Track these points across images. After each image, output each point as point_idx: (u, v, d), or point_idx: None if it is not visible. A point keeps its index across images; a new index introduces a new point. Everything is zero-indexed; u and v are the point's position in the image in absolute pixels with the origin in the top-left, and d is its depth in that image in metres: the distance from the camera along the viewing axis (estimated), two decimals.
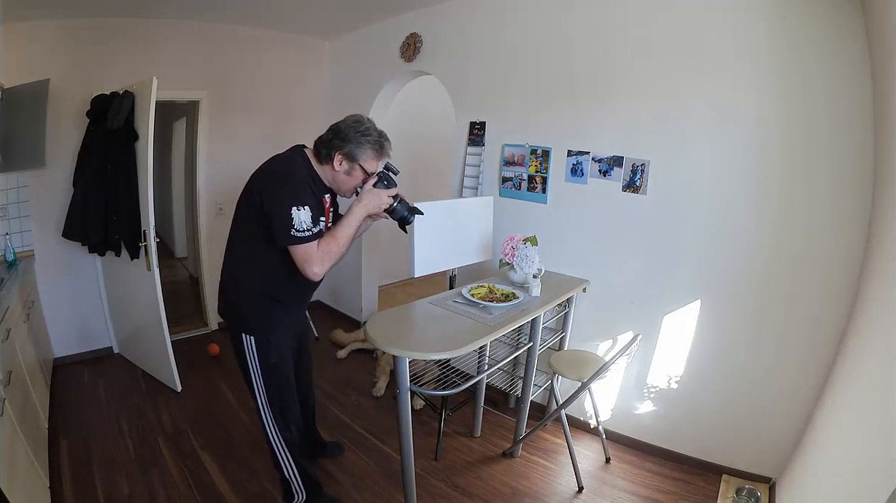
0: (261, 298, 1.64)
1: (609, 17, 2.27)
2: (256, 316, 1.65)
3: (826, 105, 1.80)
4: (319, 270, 1.50)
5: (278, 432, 1.73)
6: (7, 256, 2.63)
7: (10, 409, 1.62)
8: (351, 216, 1.57)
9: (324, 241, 1.52)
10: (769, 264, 1.99)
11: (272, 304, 1.66)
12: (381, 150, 1.60)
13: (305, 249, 1.48)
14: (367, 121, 1.60)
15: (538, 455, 2.37)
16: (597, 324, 2.49)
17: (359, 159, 1.57)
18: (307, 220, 1.46)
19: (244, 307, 1.66)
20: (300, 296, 1.78)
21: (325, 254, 1.50)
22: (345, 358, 3.35)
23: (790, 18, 1.83)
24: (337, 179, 1.61)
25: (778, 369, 2.01)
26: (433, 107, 4.42)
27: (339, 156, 1.56)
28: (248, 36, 3.53)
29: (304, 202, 1.47)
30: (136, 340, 3.08)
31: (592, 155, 2.39)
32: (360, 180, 1.61)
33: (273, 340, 1.67)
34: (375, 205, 1.59)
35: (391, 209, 1.64)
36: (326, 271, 1.52)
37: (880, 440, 1.08)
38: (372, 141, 1.57)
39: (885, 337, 1.28)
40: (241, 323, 1.67)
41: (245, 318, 1.66)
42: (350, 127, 1.56)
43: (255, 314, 1.65)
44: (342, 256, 1.59)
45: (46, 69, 2.70)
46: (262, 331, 1.65)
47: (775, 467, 2.04)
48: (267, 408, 1.71)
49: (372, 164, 1.59)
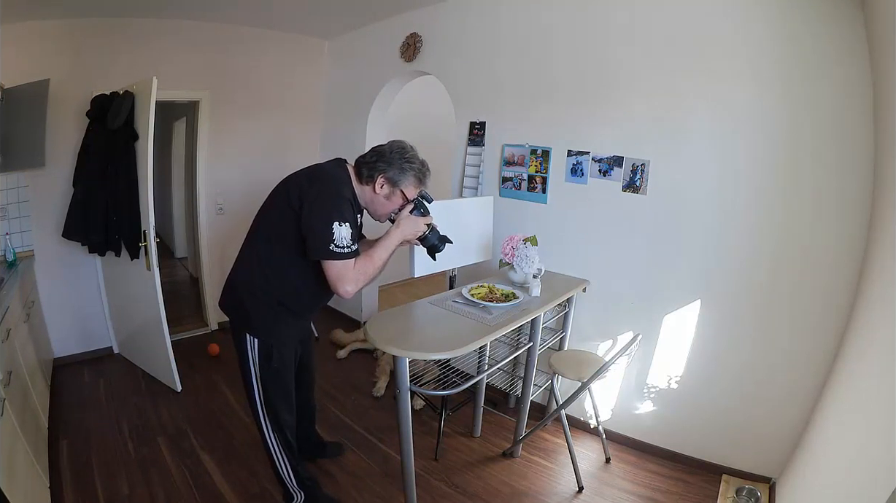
0: (272, 303, 1.62)
1: (609, 18, 2.27)
2: (263, 319, 1.64)
3: (826, 104, 1.81)
4: (352, 289, 1.50)
5: (274, 434, 1.73)
6: (7, 256, 2.63)
7: (10, 409, 1.62)
8: (388, 240, 1.59)
9: (360, 260, 1.52)
10: (769, 264, 1.99)
11: (282, 311, 1.64)
12: (423, 179, 1.63)
13: (343, 266, 1.47)
14: (411, 148, 1.63)
15: (538, 455, 2.37)
16: (597, 325, 2.49)
17: (400, 185, 1.59)
18: (348, 236, 1.46)
19: (252, 308, 1.64)
20: (312, 307, 1.78)
21: (360, 274, 1.51)
22: (345, 358, 3.35)
23: (791, 18, 1.83)
24: (375, 202, 1.62)
25: (778, 369, 2.01)
26: (433, 107, 4.42)
27: (381, 178, 1.57)
28: (248, 36, 3.53)
29: (347, 219, 1.47)
30: (136, 340, 3.08)
31: (592, 155, 2.39)
32: (397, 205, 1.63)
33: (277, 345, 1.66)
34: (412, 231, 1.61)
35: (423, 236, 1.66)
36: (357, 291, 1.52)
37: (880, 440, 1.08)
38: (416, 168, 1.59)
39: (885, 337, 1.28)
40: (246, 323, 1.65)
41: (251, 319, 1.65)
42: (395, 152, 1.58)
43: (262, 316, 1.64)
44: (373, 279, 1.59)
45: (46, 69, 2.70)
46: (266, 335, 1.64)
47: (775, 467, 2.04)
48: (263, 410, 1.71)
49: (412, 190, 1.62)
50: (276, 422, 1.73)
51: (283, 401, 1.74)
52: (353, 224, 1.50)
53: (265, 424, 1.72)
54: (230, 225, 3.60)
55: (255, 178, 3.53)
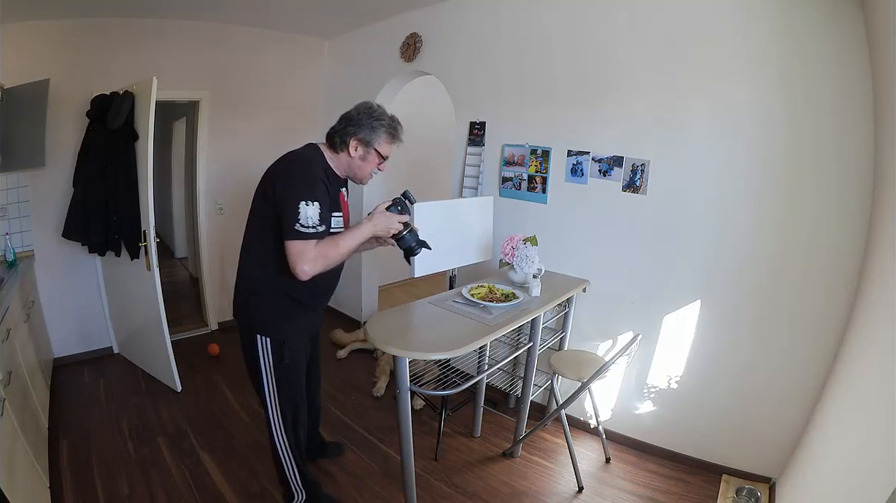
0: (279, 297, 1.62)
1: (609, 17, 2.27)
2: (272, 316, 1.63)
3: (826, 104, 1.81)
4: (309, 269, 1.45)
5: (284, 433, 1.72)
6: (7, 256, 2.63)
7: (10, 409, 1.62)
8: (358, 230, 1.56)
9: (324, 243, 1.48)
10: (769, 264, 1.99)
11: (288, 304, 1.64)
12: (395, 134, 1.64)
13: (304, 245, 1.44)
14: (378, 107, 1.63)
15: (538, 455, 2.37)
16: (597, 324, 2.49)
17: (373, 143, 1.60)
18: (314, 216, 1.44)
19: (259, 307, 1.64)
20: (318, 294, 1.73)
21: (320, 256, 1.46)
22: (345, 358, 3.35)
23: (791, 18, 1.83)
24: (353, 166, 1.63)
25: (778, 369, 2.01)
26: (433, 107, 4.42)
27: (354, 141, 1.59)
28: (248, 36, 3.53)
29: (315, 198, 1.45)
30: (136, 340, 3.08)
31: (592, 155, 2.39)
32: (375, 165, 1.63)
33: (288, 341, 1.66)
34: (384, 227, 1.58)
35: (400, 236, 1.63)
36: (315, 273, 1.47)
37: (880, 440, 1.08)
38: (385, 124, 1.61)
39: (885, 337, 1.28)
40: (255, 323, 1.65)
41: (259, 319, 1.64)
42: (363, 113, 1.60)
43: (270, 314, 1.63)
44: (335, 264, 1.54)
45: (46, 69, 2.70)
46: (276, 332, 1.64)
47: (775, 467, 2.04)
48: (276, 409, 1.70)
49: (386, 147, 1.63)
50: (289, 421, 1.72)
51: (296, 398, 1.74)
52: (324, 202, 1.49)
53: (276, 423, 1.71)
54: (230, 225, 3.60)
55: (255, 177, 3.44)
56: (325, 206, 1.49)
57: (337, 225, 1.60)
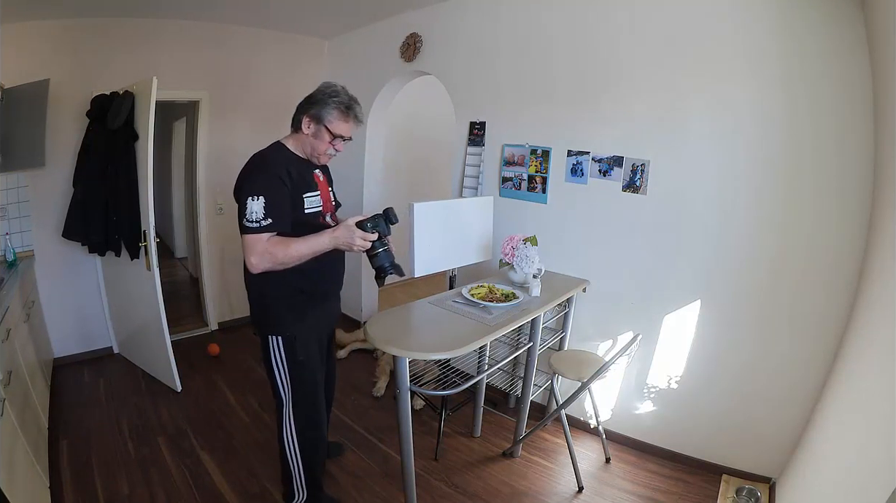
0: (281, 291, 1.61)
1: (609, 17, 2.27)
2: (280, 313, 1.63)
3: (826, 104, 1.81)
4: (256, 262, 1.47)
5: (294, 433, 1.71)
6: (7, 256, 2.63)
7: (10, 409, 1.62)
8: (316, 239, 1.52)
9: (276, 241, 1.48)
10: (769, 264, 1.99)
11: (295, 296, 1.62)
12: (348, 112, 1.59)
13: (251, 240, 1.46)
14: (340, 87, 1.61)
15: (538, 455, 2.37)
16: (597, 325, 2.49)
17: (324, 120, 1.56)
18: (259, 210, 1.45)
19: (266, 307, 1.64)
20: (320, 279, 1.69)
21: (267, 254, 1.47)
22: (345, 358, 3.35)
23: (791, 18, 1.83)
24: (306, 143, 1.61)
25: (778, 369, 2.01)
26: (433, 107, 4.42)
27: (306, 118, 1.58)
28: (248, 36, 3.53)
29: (260, 192, 1.46)
30: (136, 340, 3.08)
31: (592, 155, 2.39)
32: (327, 143, 1.59)
33: (299, 336, 1.64)
34: (345, 241, 1.51)
35: (374, 253, 1.55)
36: (264, 268, 1.48)
37: (880, 440, 1.08)
38: (337, 101, 1.56)
39: (885, 337, 1.28)
40: (265, 324, 1.65)
41: (268, 318, 1.64)
42: (320, 91, 1.59)
43: (277, 311, 1.63)
44: (288, 264, 1.51)
45: (46, 69, 2.70)
46: (287, 329, 1.63)
47: (775, 467, 2.04)
48: (290, 409, 1.69)
49: (339, 125, 1.58)
50: (302, 421, 1.70)
51: (315, 395, 1.72)
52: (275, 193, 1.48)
53: (288, 422, 1.70)
54: (230, 225, 3.52)
55: None
56: (277, 197, 1.48)
57: (312, 204, 1.60)
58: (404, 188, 4.73)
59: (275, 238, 1.49)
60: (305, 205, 1.58)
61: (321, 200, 1.64)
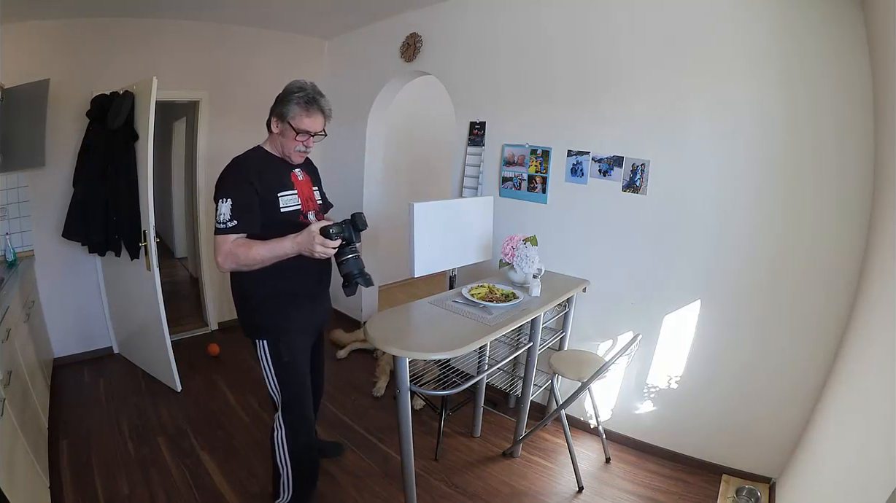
0: (266, 292, 1.61)
1: (609, 17, 2.27)
2: (264, 316, 1.64)
3: (826, 104, 1.81)
4: (221, 261, 1.51)
5: (284, 434, 1.71)
6: (7, 256, 2.63)
7: (10, 409, 1.62)
8: (279, 244, 1.51)
9: (240, 243, 1.50)
10: (769, 264, 1.99)
11: (276, 297, 1.62)
12: (309, 106, 1.56)
13: (218, 239, 1.50)
14: (307, 84, 1.60)
15: (538, 455, 2.37)
16: (597, 324, 2.49)
17: (287, 117, 1.56)
18: (226, 212, 1.49)
19: (250, 311, 1.66)
20: (304, 281, 1.67)
21: (231, 255, 1.49)
22: (345, 358, 3.35)
23: (791, 18, 1.83)
24: (277, 143, 1.62)
25: (778, 369, 2.01)
26: (433, 107, 4.42)
27: (273, 118, 1.60)
28: (248, 36, 3.53)
29: (227, 194, 1.50)
30: (136, 340, 3.08)
31: (592, 155, 2.39)
32: (294, 140, 1.58)
33: (283, 338, 1.64)
34: (306, 246, 1.48)
35: (342, 260, 1.53)
36: (229, 268, 1.53)
37: (880, 440, 1.08)
38: (299, 97, 1.55)
39: (885, 337, 1.28)
40: (251, 326, 1.67)
41: (253, 320, 1.66)
42: (285, 89, 1.59)
43: (262, 315, 1.64)
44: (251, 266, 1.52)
45: (46, 69, 2.70)
46: (272, 332, 1.64)
47: (775, 467, 2.04)
48: (280, 410, 1.70)
49: (301, 120, 1.56)
50: (290, 423, 1.70)
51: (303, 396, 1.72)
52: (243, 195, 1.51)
53: (279, 423, 1.71)
54: None
55: None
56: (244, 199, 1.50)
57: (288, 203, 1.60)
58: (404, 188, 4.73)
59: (240, 240, 1.51)
60: (281, 204, 1.58)
61: (298, 199, 1.64)
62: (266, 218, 1.56)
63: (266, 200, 1.56)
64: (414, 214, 2.16)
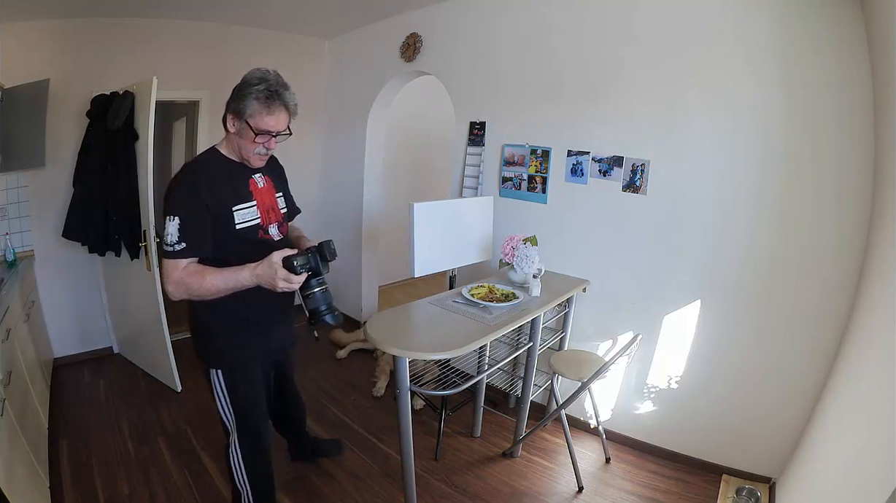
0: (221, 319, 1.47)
1: (609, 18, 2.27)
2: (219, 343, 1.50)
3: (826, 104, 1.81)
4: (172, 290, 1.32)
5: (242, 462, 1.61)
6: (7, 256, 2.63)
7: (10, 409, 1.62)
8: (235, 273, 1.31)
9: (193, 271, 1.32)
10: (769, 264, 1.99)
11: (235, 324, 1.48)
12: (270, 101, 1.34)
13: (168, 264, 1.31)
14: (270, 73, 1.38)
15: (538, 455, 2.37)
16: (597, 324, 2.49)
17: (244, 115, 1.34)
18: (174, 232, 1.30)
19: (204, 338, 1.52)
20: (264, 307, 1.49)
21: (182, 284, 1.30)
22: (345, 358, 3.35)
23: (791, 18, 1.83)
24: (235, 145, 1.42)
25: (778, 369, 2.01)
26: (433, 107, 4.42)
27: (230, 116, 1.38)
28: (248, 36, 3.53)
29: (174, 212, 1.30)
30: (136, 340, 3.08)
31: (592, 155, 2.39)
32: (253, 142, 1.38)
33: (239, 369, 1.53)
34: (267, 279, 1.29)
35: (307, 293, 1.34)
36: (180, 297, 1.33)
37: (880, 440, 1.08)
38: (258, 90, 1.33)
39: (885, 336, 1.28)
40: (206, 355, 1.54)
41: (208, 349, 1.53)
42: (242, 80, 1.38)
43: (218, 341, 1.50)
44: (202, 296, 1.34)
45: (46, 69, 2.70)
46: (226, 361, 1.51)
47: (775, 467, 2.04)
48: (235, 439, 1.59)
49: (261, 119, 1.35)
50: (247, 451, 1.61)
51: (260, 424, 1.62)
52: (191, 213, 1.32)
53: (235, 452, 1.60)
54: None
55: None
56: (193, 217, 1.32)
57: (245, 218, 1.42)
58: (404, 188, 4.73)
59: (192, 266, 1.32)
60: (235, 219, 1.40)
61: (257, 212, 1.45)
62: (218, 235, 1.37)
63: (219, 215, 1.37)
64: (414, 214, 2.16)
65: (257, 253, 1.34)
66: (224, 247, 1.38)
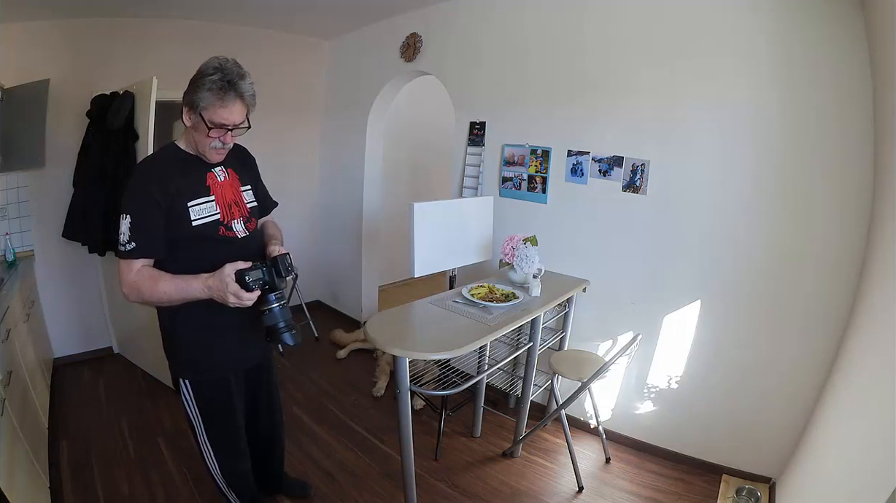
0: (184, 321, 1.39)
1: (609, 17, 2.27)
2: (183, 349, 1.44)
3: (826, 104, 1.81)
4: (126, 293, 1.26)
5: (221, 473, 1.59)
6: (7, 256, 2.63)
7: (10, 409, 1.62)
8: (187, 283, 1.24)
9: (147, 274, 1.25)
10: (769, 264, 1.99)
11: (208, 332, 1.41)
12: (224, 93, 1.26)
13: (122, 264, 1.26)
14: (224, 60, 1.31)
15: (538, 455, 2.37)
16: (597, 324, 2.49)
17: (198, 107, 1.26)
18: (125, 231, 1.24)
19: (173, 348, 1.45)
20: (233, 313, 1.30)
21: (135, 287, 1.24)
22: (345, 358, 3.35)
23: (791, 18, 1.83)
24: (192, 139, 1.35)
25: (778, 369, 2.01)
26: (433, 107, 4.42)
27: (185, 109, 1.30)
28: (248, 36, 3.53)
29: (127, 210, 1.25)
30: (136, 340, 3.08)
31: (592, 155, 2.39)
32: (208, 136, 1.30)
33: (207, 376, 1.46)
34: (218, 293, 1.21)
35: (263, 308, 1.27)
36: (134, 301, 1.28)
37: (880, 440, 1.08)
38: (210, 81, 1.25)
39: (885, 337, 1.28)
40: (174, 363, 1.48)
41: (175, 356, 1.46)
42: (198, 70, 1.30)
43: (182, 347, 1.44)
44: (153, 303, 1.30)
45: (46, 69, 2.70)
46: (192, 368, 1.44)
47: (775, 467, 2.04)
48: (210, 453, 1.55)
49: (216, 111, 1.27)
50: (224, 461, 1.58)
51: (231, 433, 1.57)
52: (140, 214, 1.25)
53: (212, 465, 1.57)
54: None
55: None
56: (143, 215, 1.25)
57: (204, 213, 1.34)
58: (404, 188, 4.73)
59: (147, 270, 1.26)
60: (192, 216, 1.31)
61: (216, 207, 1.36)
62: (175, 233, 1.29)
63: (173, 212, 1.28)
64: (414, 214, 2.16)
65: (219, 251, 1.29)
66: (183, 245, 1.31)
